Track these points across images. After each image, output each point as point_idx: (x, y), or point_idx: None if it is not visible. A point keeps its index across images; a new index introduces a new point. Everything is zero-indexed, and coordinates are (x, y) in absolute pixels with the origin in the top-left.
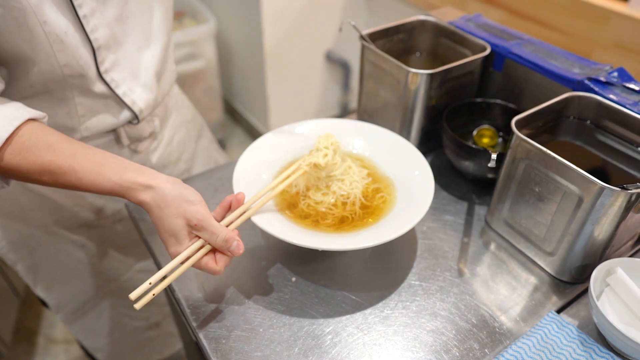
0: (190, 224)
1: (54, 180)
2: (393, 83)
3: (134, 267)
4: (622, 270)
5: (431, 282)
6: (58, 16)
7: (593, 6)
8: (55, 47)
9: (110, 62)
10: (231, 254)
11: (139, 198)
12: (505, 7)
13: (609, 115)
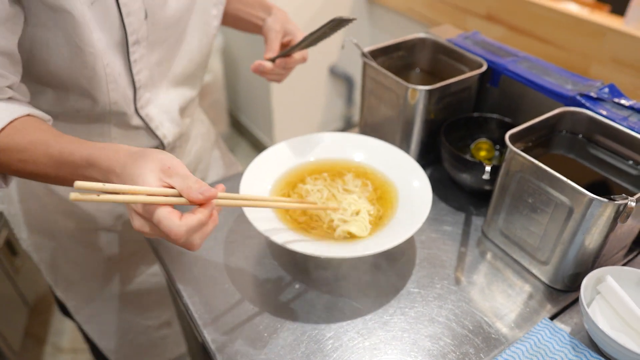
0: (163, 168)
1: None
2: (393, 98)
3: (148, 270)
4: (611, 278)
5: (429, 289)
6: (116, 60)
7: (589, 22)
8: (110, 86)
9: (146, 100)
10: (202, 197)
11: (119, 159)
12: (505, 24)
13: (600, 129)
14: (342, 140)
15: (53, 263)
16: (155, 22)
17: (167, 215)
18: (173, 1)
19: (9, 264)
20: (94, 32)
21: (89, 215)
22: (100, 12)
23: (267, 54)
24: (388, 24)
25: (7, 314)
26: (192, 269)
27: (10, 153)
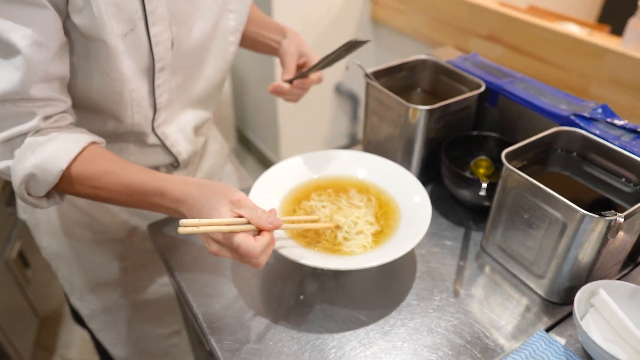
0: (233, 200)
1: (110, 184)
2: (395, 117)
3: (159, 280)
4: (604, 292)
5: (429, 301)
6: (142, 85)
7: (588, 43)
8: (135, 109)
9: (162, 119)
10: (272, 225)
11: (188, 191)
12: (506, 44)
13: (594, 148)
14: (345, 158)
15: (70, 272)
16: (180, 50)
17: (245, 239)
18: (197, 30)
19: (21, 275)
20: (124, 60)
21: (106, 227)
22: (132, 42)
23: (285, 75)
24: (393, 45)
25: (18, 325)
26: (201, 279)
27: (84, 182)
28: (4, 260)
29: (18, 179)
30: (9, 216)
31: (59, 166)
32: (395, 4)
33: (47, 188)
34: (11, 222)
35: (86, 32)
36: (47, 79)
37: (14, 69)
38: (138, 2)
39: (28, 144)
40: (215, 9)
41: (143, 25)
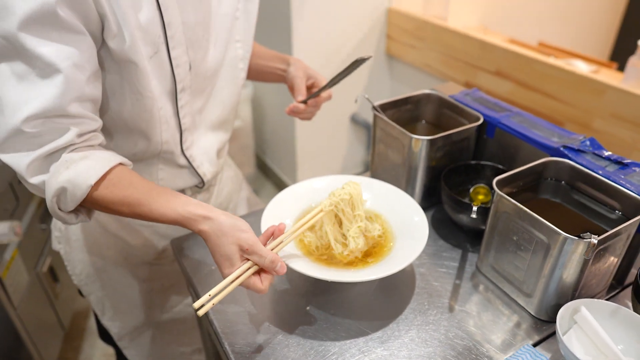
0: (243, 249)
1: (131, 211)
2: (399, 147)
3: (184, 301)
4: (585, 309)
5: (425, 315)
6: (167, 105)
7: (591, 80)
8: (163, 127)
9: (190, 142)
10: (276, 273)
11: (198, 227)
12: (513, 79)
13: (581, 177)
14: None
15: (103, 294)
16: (197, 73)
17: (254, 285)
18: (211, 56)
19: (51, 289)
20: (152, 80)
21: (136, 250)
22: (156, 64)
23: (298, 97)
24: (406, 77)
25: (45, 337)
26: None
27: (107, 205)
28: (36, 274)
29: (51, 192)
30: (42, 232)
31: (88, 182)
32: (408, 40)
33: (75, 203)
34: (44, 238)
35: (119, 55)
36: (82, 99)
37: (54, 87)
38: (160, 28)
39: (63, 160)
40: (224, 37)
41: (165, 48)
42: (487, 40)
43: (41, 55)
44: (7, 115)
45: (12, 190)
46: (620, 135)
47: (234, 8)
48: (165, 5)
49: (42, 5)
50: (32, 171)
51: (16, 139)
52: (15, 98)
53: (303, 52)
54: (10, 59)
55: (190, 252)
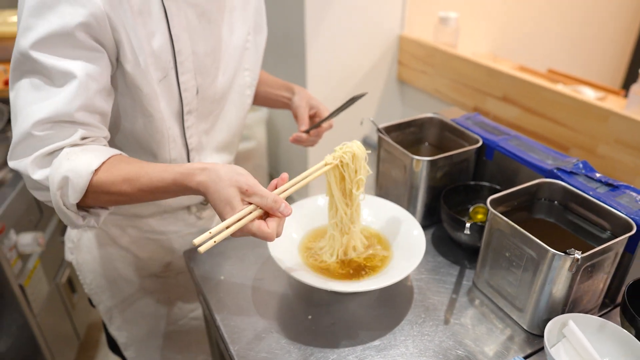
0: (242, 190)
1: (132, 187)
2: (401, 167)
3: (189, 314)
4: (573, 323)
5: (421, 327)
6: (175, 125)
7: (595, 107)
8: (171, 145)
9: (196, 161)
10: (281, 214)
11: (197, 179)
12: (519, 105)
13: (573, 198)
14: None
15: (111, 304)
16: (204, 97)
17: (259, 228)
18: (219, 82)
19: (68, 299)
20: (161, 102)
21: (144, 263)
22: (165, 87)
23: (301, 127)
24: (417, 102)
25: (61, 347)
26: (225, 298)
27: (110, 188)
28: (55, 284)
29: (55, 184)
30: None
31: (90, 169)
32: (419, 66)
33: (79, 193)
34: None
35: (133, 76)
36: (90, 109)
37: (66, 93)
38: (171, 55)
39: (64, 153)
40: (233, 66)
41: (174, 73)
42: (494, 67)
43: (55, 66)
44: (20, 121)
45: (37, 203)
46: (624, 161)
47: (245, 40)
48: (176, 35)
49: (61, 27)
50: (35, 166)
51: (25, 143)
52: (28, 105)
53: (317, 77)
54: (29, 74)
55: (201, 263)
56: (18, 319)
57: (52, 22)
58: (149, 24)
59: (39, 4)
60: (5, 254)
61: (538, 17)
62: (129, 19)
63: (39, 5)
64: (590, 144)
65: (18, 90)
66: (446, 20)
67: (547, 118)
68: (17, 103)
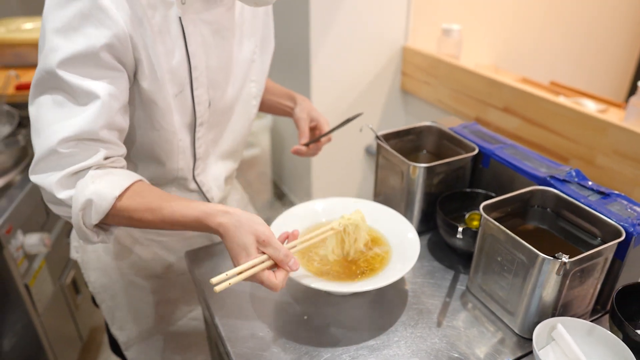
0: (259, 240)
1: (153, 216)
2: (399, 173)
3: (189, 315)
4: (561, 326)
5: (414, 328)
6: (186, 137)
7: (593, 118)
8: (180, 156)
9: (201, 169)
10: (289, 268)
11: (217, 220)
12: (520, 116)
13: (565, 205)
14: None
15: (113, 304)
16: (215, 109)
17: (268, 279)
18: (228, 94)
19: (72, 301)
20: (174, 115)
21: (146, 263)
22: (180, 101)
23: (302, 140)
24: (420, 112)
25: (64, 347)
26: (224, 299)
27: (132, 214)
28: (60, 285)
29: (78, 205)
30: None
31: (114, 194)
32: (422, 77)
33: (100, 215)
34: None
35: (149, 92)
36: (112, 127)
37: (90, 112)
38: (187, 71)
39: (89, 176)
40: (242, 78)
41: (189, 88)
42: (495, 79)
43: (80, 86)
44: (44, 137)
45: (44, 205)
46: (622, 172)
47: (252, 52)
48: (193, 52)
49: (86, 48)
50: (60, 187)
51: (50, 159)
52: (53, 122)
53: (321, 87)
54: (52, 91)
55: (202, 264)
56: (22, 318)
57: (77, 43)
58: (168, 43)
59: (65, 26)
60: (12, 254)
61: (541, 30)
62: (149, 38)
63: (65, 26)
64: (589, 154)
65: (40, 106)
66: (449, 32)
67: (547, 129)
68: (40, 119)
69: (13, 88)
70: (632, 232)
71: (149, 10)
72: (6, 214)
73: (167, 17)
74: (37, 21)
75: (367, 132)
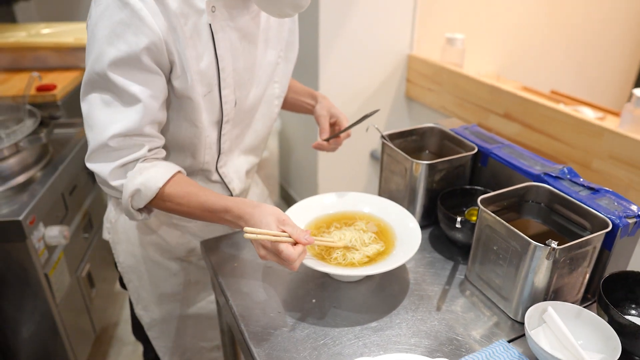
0: (279, 220)
1: (189, 203)
2: (402, 170)
3: (207, 298)
4: (552, 309)
5: (415, 312)
6: (213, 133)
7: (590, 124)
8: (207, 150)
9: (224, 162)
10: (305, 241)
11: (246, 210)
12: (520, 122)
13: (558, 200)
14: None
15: (139, 284)
16: (240, 108)
17: (287, 247)
18: (252, 95)
19: (87, 293)
20: (203, 113)
21: (171, 246)
22: (209, 100)
23: (322, 135)
24: (424, 118)
25: (78, 337)
26: (238, 282)
27: (172, 200)
28: (76, 277)
29: (127, 193)
30: (85, 240)
31: (157, 185)
32: (426, 84)
33: (146, 201)
34: (86, 246)
35: (181, 92)
36: (154, 122)
37: (135, 113)
38: (215, 72)
39: (137, 169)
40: (265, 80)
41: (217, 89)
42: (496, 86)
43: (126, 88)
44: (96, 132)
45: (63, 200)
46: (617, 175)
47: (277, 56)
48: (221, 56)
49: (129, 53)
50: (113, 176)
51: (102, 151)
52: (104, 120)
53: (329, 93)
54: (101, 91)
55: (217, 252)
56: (41, 307)
57: (121, 49)
58: (199, 47)
59: (110, 34)
60: (34, 244)
61: (543, 41)
62: (182, 43)
63: (110, 34)
64: (586, 159)
65: (90, 104)
66: (453, 41)
67: (546, 134)
68: (91, 115)
69: (34, 89)
70: (619, 224)
71: (181, 18)
72: (30, 206)
73: (198, 24)
74: (54, 26)
75: (372, 138)
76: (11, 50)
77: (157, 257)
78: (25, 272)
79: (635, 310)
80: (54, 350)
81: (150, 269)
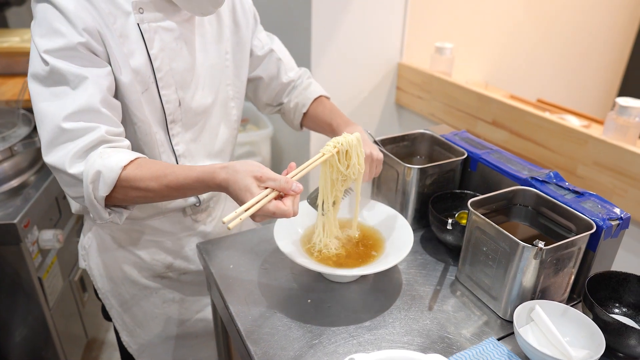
0: (257, 177)
1: (159, 183)
2: (394, 174)
3: (195, 316)
4: (539, 307)
5: (408, 311)
6: (160, 131)
7: (575, 131)
8: (160, 149)
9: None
10: (293, 192)
11: (220, 176)
12: (508, 129)
13: (544, 203)
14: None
15: (121, 309)
16: (186, 110)
17: (276, 207)
18: (198, 96)
19: (80, 297)
20: (145, 109)
21: (148, 264)
22: (148, 98)
23: None
24: (414, 125)
25: (70, 341)
26: (234, 284)
27: (138, 183)
28: (69, 281)
29: (88, 178)
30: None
31: (120, 164)
32: (416, 92)
33: (109, 186)
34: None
35: (121, 86)
36: (106, 103)
37: (84, 91)
38: (150, 72)
39: (98, 153)
40: (214, 83)
41: (155, 87)
42: (484, 94)
43: (71, 70)
44: (49, 121)
45: (57, 204)
46: (601, 181)
47: (222, 59)
48: (154, 55)
49: (67, 44)
50: (72, 163)
51: (58, 138)
52: (54, 108)
53: None
54: (47, 85)
55: (213, 253)
56: (34, 310)
57: (57, 42)
58: (127, 45)
59: (47, 32)
60: (28, 248)
61: (530, 51)
62: (114, 40)
63: (47, 33)
64: (571, 165)
65: (40, 101)
66: (442, 50)
67: (532, 141)
68: (42, 111)
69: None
70: (602, 225)
71: (109, 17)
72: (24, 210)
73: (126, 24)
74: None
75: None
76: (5, 55)
77: (134, 275)
78: (19, 276)
79: (618, 309)
80: (45, 354)
81: (129, 289)
